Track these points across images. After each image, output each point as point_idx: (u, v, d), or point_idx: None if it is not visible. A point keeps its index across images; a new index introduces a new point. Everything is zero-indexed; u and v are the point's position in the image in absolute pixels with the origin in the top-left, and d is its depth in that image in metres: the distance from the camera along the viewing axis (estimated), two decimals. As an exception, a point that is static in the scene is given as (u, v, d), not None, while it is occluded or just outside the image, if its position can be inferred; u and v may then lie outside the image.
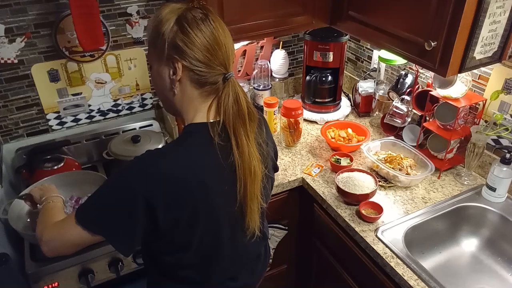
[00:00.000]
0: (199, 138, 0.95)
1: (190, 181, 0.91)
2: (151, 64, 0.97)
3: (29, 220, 1.40)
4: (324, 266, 1.70)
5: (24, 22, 1.53)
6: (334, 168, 1.67)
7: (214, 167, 0.94)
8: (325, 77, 1.97)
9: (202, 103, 0.96)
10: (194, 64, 0.90)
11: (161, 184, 0.89)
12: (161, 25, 0.90)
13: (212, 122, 0.95)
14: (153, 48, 0.94)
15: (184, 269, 1.05)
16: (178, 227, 0.94)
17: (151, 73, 0.98)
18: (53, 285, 1.32)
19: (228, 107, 0.93)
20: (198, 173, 0.92)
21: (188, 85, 0.93)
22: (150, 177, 0.89)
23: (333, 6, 1.65)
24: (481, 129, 1.49)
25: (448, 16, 1.17)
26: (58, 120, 1.75)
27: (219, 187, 0.96)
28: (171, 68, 0.92)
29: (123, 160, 1.67)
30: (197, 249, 1.00)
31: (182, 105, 0.97)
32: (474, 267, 1.44)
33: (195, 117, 0.97)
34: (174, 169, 0.90)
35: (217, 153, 0.93)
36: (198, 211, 0.94)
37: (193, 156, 0.92)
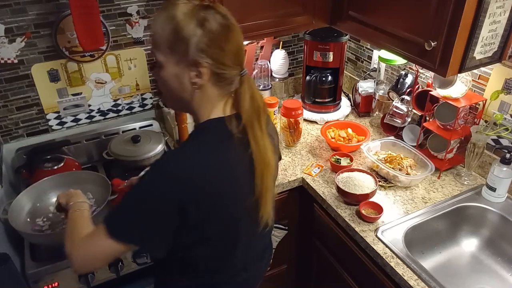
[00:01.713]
0: (218, 133, 0.96)
1: (215, 176, 0.93)
2: (162, 66, 0.92)
3: (29, 220, 1.40)
4: (324, 266, 1.70)
5: (24, 22, 1.53)
6: (334, 168, 1.67)
7: (234, 160, 0.96)
8: (325, 77, 1.97)
9: (219, 100, 0.97)
10: (219, 67, 0.91)
11: (190, 184, 0.89)
12: (182, 29, 0.87)
13: (228, 116, 0.97)
14: (170, 51, 0.90)
15: (204, 261, 1.05)
16: (205, 221, 0.96)
17: (161, 74, 0.93)
18: (53, 285, 1.32)
19: (245, 103, 0.95)
20: (221, 167, 0.94)
21: (209, 86, 0.93)
22: (178, 180, 0.89)
23: (333, 6, 1.65)
24: (481, 129, 1.49)
25: (448, 16, 1.17)
26: (58, 120, 1.75)
27: (240, 179, 0.98)
28: (194, 72, 0.90)
29: (123, 160, 1.67)
30: (218, 241, 1.02)
31: (200, 104, 0.96)
32: (474, 267, 1.44)
33: (211, 114, 0.97)
34: (200, 167, 0.91)
35: (235, 146, 0.95)
36: (223, 204, 0.96)
37: (215, 151, 0.94)
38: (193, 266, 1.06)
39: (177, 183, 0.89)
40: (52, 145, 1.68)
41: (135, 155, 1.67)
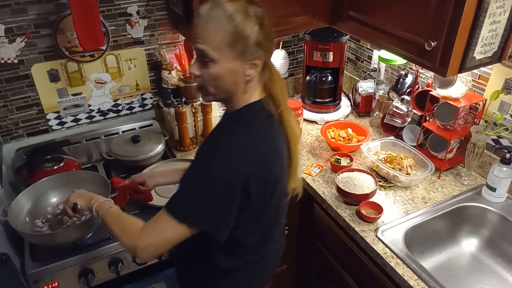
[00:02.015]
0: (263, 114, 1.03)
1: (271, 153, 1.02)
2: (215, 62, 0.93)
3: (28, 220, 1.40)
4: (324, 266, 1.70)
5: (24, 22, 1.53)
6: (334, 168, 1.67)
7: (277, 135, 1.05)
8: (325, 77, 1.97)
9: (257, 85, 1.04)
10: (268, 57, 0.99)
11: (252, 165, 0.96)
12: (243, 28, 0.91)
13: (265, 98, 1.04)
14: (230, 48, 0.92)
15: (251, 237, 1.11)
16: (264, 197, 1.02)
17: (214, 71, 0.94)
18: (53, 285, 1.32)
19: (277, 84, 1.04)
20: (274, 143, 1.04)
21: (256, 75, 1.00)
22: (242, 163, 0.95)
23: (333, 6, 1.65)
24: (481, 129, 1.49)
25: (448, 16, 1.17)
26: (58, 120, 1.75)
27: (283, 152, 1.07)
28: (248, 65, 0.96)
29: (123, 160, 1.67)
30: (268, 216, 1.10)
31: (245, 92, 1.02)
32: (474, 267, 1.44)
33: (250, 98, 1.03)
34: (258, 148, 0.99)
35: (276, 124, 1.05)
36: (277, 179, 1.05)
37: (266, 130, 1.03)
38: (243, 245, 1.11)
39: (241, 164, 0.95)
40: (52, 145, 1.68)
41: (135, 155, 1.67)
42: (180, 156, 1.79)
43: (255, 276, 1.22)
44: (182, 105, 1.80)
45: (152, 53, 1.81)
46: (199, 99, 1.84)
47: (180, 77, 1.82)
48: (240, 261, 1.14)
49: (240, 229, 1.05)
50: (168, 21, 1.78)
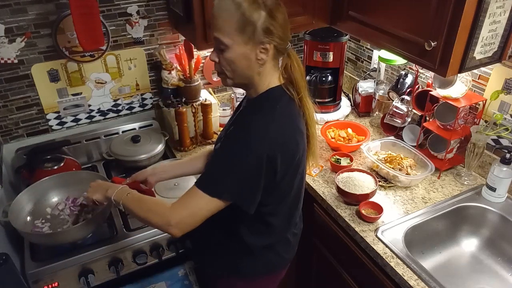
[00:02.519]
0: (285, 98, 1.11)
1: (294, 132, 1.10)
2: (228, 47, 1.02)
3: (29, 219, 1.40)
4: (324, 266, 1.70)
5: (24, 22, 1.53)
6: (334, 168, 1.67)
7: (299, 117, 1.13)
8: (325, 77, 1.97)
9: (275, 71, 1.11)
10: (280, 42, 1.04)
11: (277, 143, 1.03)
12: (250, 14, 0.98)
13: (284, 83, 1.12)
14: (240, 34, 1.00)
15: (277, 216, 1.18)
16: (288, 175, 1.11)
17: (228, 55, 1.03)
18: (53, 285, 1.32)
19: (297, 71, 1.11)
20: (296, 124, 1.11)
21: (269, 60, 1.06)
22: (268, 140, 1.02)
23: (333, 6, 1.65)
24: (481, 129, 1.49)
25: (448, 16, 1.17)
26: (58, 120, 1.75)
27: (303, 135, 1.15)
28: (259, 49, 1.02)
29: (123, 160, 1.67)
30: (292, 194, 1.17)
31: (261, 77, 1.09)
32: (474, 267, 1.44)
33: (270, 83, 1.10)
34: (283, 127, 1.06)
35: (296, 107, 1.13)
36: (300, 157, 1.13)
37: (289, 112, 1.10)
38: (269, 224, 1.18)
39: (267, 141, 1.02)
40: (52, 145, 1.68)
41: (135, 155, 1.67)
42: (180, 156, 1.79)
43: (280, 258, 1.28)
44: (182, 105, 1.80)
45: (152, 53, 1.81)
46: (199, 99, 1.84)
47: (180, 77, 1.82)
48: (267, 241, 1.21)
49: (268, 207, 1.14)
50: (168, 21, 1.78)
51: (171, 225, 1.04)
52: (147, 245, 1.43)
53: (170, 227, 1.04)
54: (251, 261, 1.24)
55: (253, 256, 1.23)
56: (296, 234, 1.34)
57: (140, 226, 1.44)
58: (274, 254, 1.25)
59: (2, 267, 1.08)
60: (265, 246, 1.22)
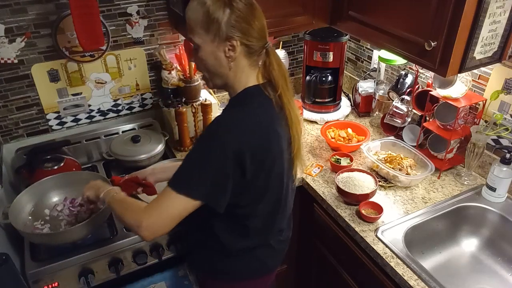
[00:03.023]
0: (260, 97, 1.09)
1: (267, 131, 1.07)
2: (199, 46, 1.04)
3: (29, 219, 1.40)
4: (324, 266, 1.70)
5: (24, 22, 1.53)
6: (334, 168, 1.67)
7: (277, 119, 1.10)
8: (325, 77, 1.97)
9: (252, 70, 1.09)
10: (247, 39, 1.03)
11: (246, 139, 1.02)
12: (213, 11, 0.99)
13: (263, 83, 1.11)
14: (205, 32, 1.02)
15: (254, 219, 1.16)
16: (260, 176, 1.07)
17: (200, 54, 1.05)
18: (53, 285, 1.32)
19: (275, 70, 1.09)
20: (270, 124, 1.08)
21: (241, 58, 1.06)
22: (235, 135, 1.01)
23: (333, 6, 1.65)
24: (481, 129, 1.49)
25: (448, 16, 1.17)
26: (58, 120, 1.75)
27: (281, 136, 1.11)
28: (228, 47, 1.02)
29: (123, 160, 1.67)
30: (269, 197, 1.14)
31: (235, 76, 1.08)
32: (474, 267, 1.44)
33: (247, 83, 1.10)
34: (253, 124, 1.04)
35: (275, 108, 1.10)
36: (274, 158, 1.09)
37: (262, 110, 1.08)
38: (247, 226, 1.16)
39: (234, 136, 1.00)
40: (52, 145, 1.68)
41: (135, 155, 1.67)
42: (180, 156, 1.79)
43: (260, 263, 1.26)
44: (182, 105, 1.80)
45: (152, 53, 1.81)
46: (199, 99, 1.84)
47: (180, 77, 1.82)
48: (245, 244, 1.20)
49: (243, 209, 1.13)
50: (168, 21, 1.78)
51: (141, 227, 1.02)
52: (147, 245, 1.43)
53: (140, 229, 1.02)
54: (230, 263, 1.23)
55: (233, 258, 1.22)
56: (282, 241, 1.31)
57: (140, 226, 1.44)
58: (254, 258, 1.24)
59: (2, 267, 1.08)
60: (244, 249, 1.21)
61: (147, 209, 1.04)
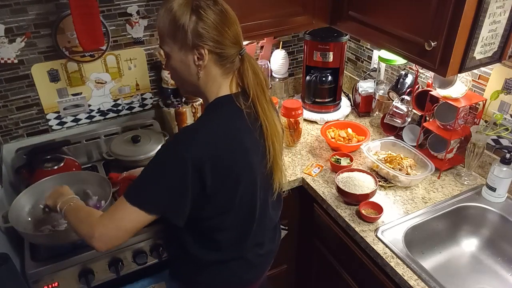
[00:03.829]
0: (229, 107, 1.04)
1: (231, 144, 1.02)
2: (169, 55, 1.02)
3: (30, 219, 1.39)
4: (324, 266, 1.70)
5: (24, 22, 1.53)
6: (334, 168, 1.67)
7: (247, 131, 1.05)
8: (325, 77, 1.97)
9: (224, 79, 1.05)
10: (217, 47, 0.99)
11: (205, 150, 0.97)
12: (179, 18, 0.96)
13: (235, 93, 1.06)
14: (172, 40, 0.99)
15: (223, 232, 1.11)
16: (223, 189, 1.03)
17: (170, 63, 1.03)
18: (53, 285, 1.32)
19: (249, 79, 1.04)
20: (236, 136, 1.03)
21: (211, 66, 1.02)
22: (194, 146, 0.96)
23: (333, 6, 1.65)
24: (481, 129, 1.49)
25: (448, 16, 1.17)
26: (58, 120, 1.75)
27: (254, 148, 1.06)
28: (196, 55, 0.99)
29: (123, 160, 1.67)
30: (238, 210, 1.08)
31: (207, 85, 1.05)
32: (474, 267, 1.44)
33: (219, 92, 1.05)
34: (214, 135, 0.99)
35: (246, 119, 1.04)
36: (240, 172, 1.04)
37: (228, 122, 1.03)
38: (216, 240, 1.12)
39: (193, 146, 0.96)
40: (52, 145, 1.68)
41: (135, 155, 1.67)
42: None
43: (236, 276, 1.22)
44: (182, 105, 1.80)
45: (152, 53, 1.81)
46: (199, 99, 1.84)
47: (180, 77, 1.82)
48: (217, 256, 1.16)
49: (209, 222, 1.08)
50: (168, 21, 1.77)
51: (93, 237, 0.98)
52: (147, 245, 1.43)
53: (93, 239, 0.98)
54: (205, 274, 1.19)
55: (207, 269, 1.18)
56: (262, 255, 1.25)
57: (140, 226, 1.44)
58: (228, 271, 1.20)
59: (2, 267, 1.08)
60: (216, 262, 1.17)
61: (101, 219, 1.00)
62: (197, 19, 0.96)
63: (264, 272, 1.31)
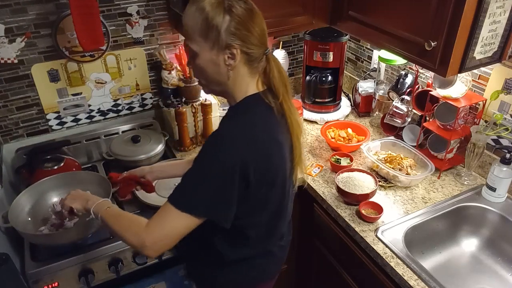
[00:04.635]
0: (260, 105, 1.06)
1: (269, 141, 1.04)
2: (197, 54, 1.01)
3: (30, 219, 1.39)
4: (324, 266, 1.70)
5: (24, 22, 1.53)
6: (334, 168, 1.67)
7: (278, 126, 1.07)
8: (325, 77, 1.97)
9: (251, 78, 1.06)
10: (248, 47, 1.00)
11: (249, 153, 0.98)
12: (212, 18, 0.96)
13: (263, 91, 1.07)
14: (203, 39, 0.98)
15: (255, 228, 1.13)
16: (263, 186, 1.04)
17: (197, 62, 1.02)
18: (53, 285, 1.32)
19: (275, 77, 1.06)
20: (271, 133, 1.05)
21: (241, 66, 1.02)
22: (238, 148, 0.97)
23: (333, 6, 1.65)
24: (481, 129, 1.49)
25: (448, 16, 1.17)
26: (58, 120, 1.75)
27: (285, 143, 1.09)
28: (227, 55, 0.99)
29: (123, 160, 1.67)
30: (271, 205, 1.11)
31: (235, 84, 1.05)
32: (474, 267, 1.44)
33: (247, 91, 1.06)
34: (255, 134, 1.01)
35: (276, 115, 1.07)
36: (277, 167, 1.07)
37: (263, 119, 1.05)
38: (247, 236, 1.13)
39: (236, 149, 0.97)
40: (52, 145, 1.68)
41: (135, 155, 1.67)
42: (180, 156, 1.79)
43: (260, 270, 1.24)
44: (182, 105, 1.80)
45: (152, 53, 1.81)
46: (199, 99, 1.84)
47: (180, 77, 1.82)
48: (245, 253, 1.17)
49: (243, 220, 1.08)
50: (168, 21, 1.78)
51: (145, 246, 0.99)
52: (147, 245, 1.43)
53: (145, 248, 1.00)
54: (230, 273, 1.20)
55: (232, 268, 1.19)
56: (283, 246, 1.29)
57: (140, 226, 1.44)
58: (254, 267, 1.21)
59: (2, 267, 1.08)
60: (243, 259, 1.18)
61: (149, 228, 1.00)
62: (230, 19, 0.96)
63: (283, 263, 1.34)
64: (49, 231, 1.35)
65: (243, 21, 0.97)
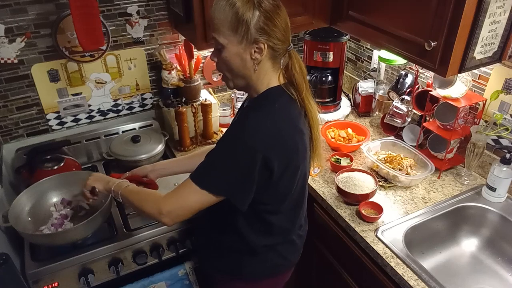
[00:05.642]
0: (282, 96, 1.10)
1: (294, 131, 1.08)
2: (223, 47, 1.03)
3: (30, 219, 1.40)
4: (324, 266, 1.70)
5: (24, 22, 1.53)
6: (334, 168, 1.67)
7: (299, 117, 1.12)
8: (325, 77, 1.97)
9: (274, 72, 1.10)
10: (275, 43, 1.03)
11: (273, 139, 1.03)
12: (242, 13, 0.99)
13: (284, 84, 1.11)
14: (233, 33, 1.01)
15: (278, 215, 1.18)
16: (287, 174, 1.09)
17: (224, 55, 1.04)
18: (53, 285, 1.32)
19: (297, 72, 1.10)
20: (295, 123, 1.10)
21: (266, 60, 1.06)
22: (264, 136, 1.02)
23: (333, 6, 1.65)
24: (481, 129, 1.49)
25: (448, 16, 1.17)
26: (58, 120, 1.75)
27: (306, 133, 1.14)
28: (254, 49, 1.02)
29: (123, 160, 1.67)
30: (294, 193, 1.16)
31: (258, 78, 1.08)
32: (474, 267, 1.44)
33: (269, 83, 1.10)
34: (279, 124, 1.05)
35: (298, 106, 1.12)
36: (300, 157, 1.11)
37: (286, 110, 1.09)
38: (271, 224, 1.18)
39: (260, 138, 1.01)
40: (52, 145, 1.68)
41: (135, 155, 1.67)
42: (180, 156, 1.79)
43: (282, 258, 1.27)
44: (182, 105, 1.80)
45: (152, 53, 1.81)
46: (199, 99, 1.84)
47: (180, 77, 1.82)
48: (268, 240, 1.21)
49: (268, 207, 1.14)
50: (168, 21, 1.78)
51: (162, 214, 1.07)
52: (147, 245, 1.43)
53: (161, 216, 1.07)
54: (253, 261, 1.23)
55: (255, 256, 1.22)
56: (301, 236, 1.33)
57: (140, 226, 1.44)
58: (277, 255, 1.25)
59: (2, 267, 1.08)
60: (268, 246, 1.22)
61: (166, 198, 1.08)
62: (259, 14, 0.99)
63: (301, 252, 1.37)
64: (49, 231, 1.35)
65: (271, 16, 1.01)
